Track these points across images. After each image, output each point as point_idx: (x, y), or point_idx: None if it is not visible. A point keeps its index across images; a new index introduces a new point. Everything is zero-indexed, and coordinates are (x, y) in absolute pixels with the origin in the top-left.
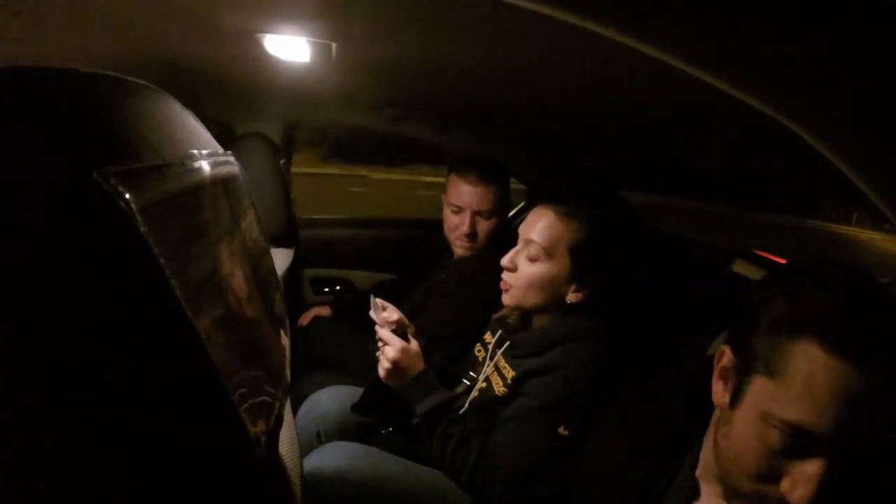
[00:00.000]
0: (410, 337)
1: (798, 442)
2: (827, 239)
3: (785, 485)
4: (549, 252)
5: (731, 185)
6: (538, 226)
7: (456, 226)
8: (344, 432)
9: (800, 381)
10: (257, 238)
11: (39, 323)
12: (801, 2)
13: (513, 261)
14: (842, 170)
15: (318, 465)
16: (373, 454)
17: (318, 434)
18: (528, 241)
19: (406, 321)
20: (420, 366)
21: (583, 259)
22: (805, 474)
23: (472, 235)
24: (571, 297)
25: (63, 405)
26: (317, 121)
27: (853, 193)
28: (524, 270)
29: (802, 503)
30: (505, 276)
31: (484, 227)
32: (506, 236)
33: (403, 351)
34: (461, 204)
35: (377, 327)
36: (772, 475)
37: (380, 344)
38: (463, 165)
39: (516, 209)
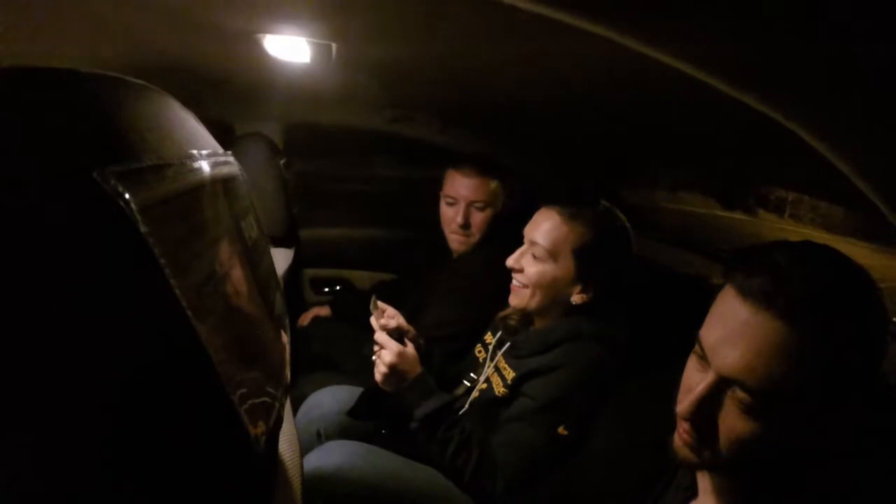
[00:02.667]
0: (407, 340)
1: (701, 360)
2: None
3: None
4: (553, 253)
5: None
6: (543, 227)
7: (451, 218)
8: (344, 432)
9: (713, 308)
10: (257, 238)
11: (39, 323)
12: (802, 3)
13: (518, 261)
14: (841, 170)
15: (318, 463)
16: (373, 453)
17: (319, 434)
18: (533, 243)
19: (406, 325)
20: (417, 369)
21: (587, 261)
22: (693, 388)
23: (466, 226)
24: (576, 298)
25: (62, 405)
26: (317, 121)
27: (853, 193)
28: (530, 271)
29: (681, 412)
30: (515, 276)
31: (478, 218)
32: (503, 235)
33: (400, 355)
34: (456, 195)
35: (374, 325)
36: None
37: (376, 348)
38: (459, 160)
39: (514, 209)
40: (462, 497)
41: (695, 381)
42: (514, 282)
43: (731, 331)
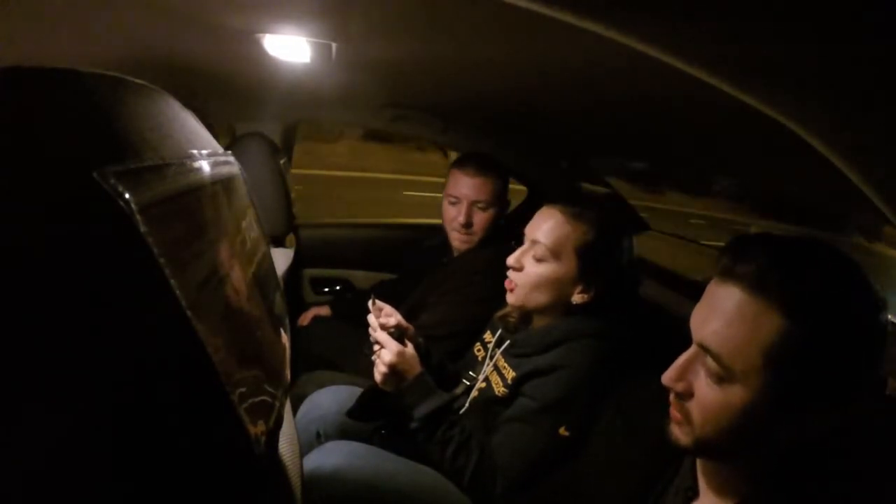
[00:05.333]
0: (406, 340)
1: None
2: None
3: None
4: (555, 253)
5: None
6: (545, 226)
7: (453, 217)
8: (344, 432)
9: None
10: (257, 238)
11: (38, 323)
12: (801, 2)
13: (519, 260)
14: (842, 170)
15: (318, 463)
16: (373, 453)
17: (318, 434)
18: (535, 242)
19: (405, 323)
20: (417, 368)
21: (589, 261)
22: (677, 360)
23: (468, 225)
24: (577, 298)
25: (62, 404)
26: (317, 121)
27: (853, 194)
28: (530, 270)
29: (664, 379)
30: (511, 275)
31: (480, 218)
32: (505, 234)
33: (400, 354)
34: (458, 195)
35: (371, 330)
36: None
37: (376, 347)
38: (462, 159)
39: (515, 208)
40: (462, 497)
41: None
42: (513, 281)
43: (705, 305)
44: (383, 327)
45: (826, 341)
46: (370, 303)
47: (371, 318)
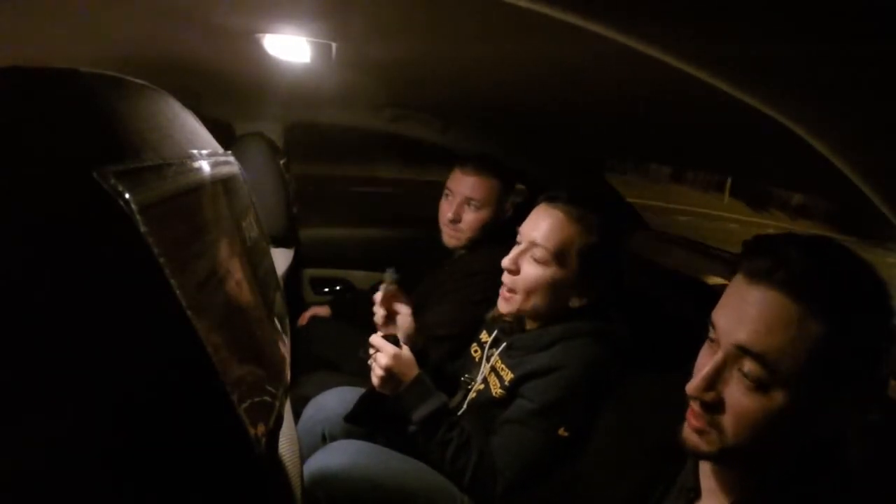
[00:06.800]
0: (402, 343)
1: (711, 344)
2: None
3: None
4: (557, 256)
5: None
6: (544, 226)
7: (444, 212)
8: (349, 433)
9: (724, 293)
10: (257, 238)
11: (38, 323)
12: (801, 2)
13: (515, 262)
14: (842, 170)
15: (323, 462)
16: (378, 452)
17: (324, 435)
18: (533, 244)
19: (410, 327)
20: (414, 371)
21: (590, 265)
22: (703, 366)
23: (455, 221)
24: (575, 302)
25: (62, 404)
26: (317, 121)
27: (853, 194)
28: (528, 273)
29: (691, 390)
30: (506, 279)
31: (471, 217)
32: (505, 235)
33: (396, 357)
34: (453, 189)
35: (375, 308)
36: None
37: (371, 351)
38: (464, 157)
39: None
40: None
41: (706, 363)
42: (505, 287)
43: (738, 307)
44: (385, 326)
45: (860, 342)
46: (385, 284)
47: (377, 309)
